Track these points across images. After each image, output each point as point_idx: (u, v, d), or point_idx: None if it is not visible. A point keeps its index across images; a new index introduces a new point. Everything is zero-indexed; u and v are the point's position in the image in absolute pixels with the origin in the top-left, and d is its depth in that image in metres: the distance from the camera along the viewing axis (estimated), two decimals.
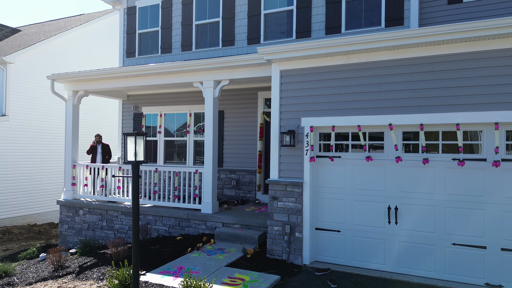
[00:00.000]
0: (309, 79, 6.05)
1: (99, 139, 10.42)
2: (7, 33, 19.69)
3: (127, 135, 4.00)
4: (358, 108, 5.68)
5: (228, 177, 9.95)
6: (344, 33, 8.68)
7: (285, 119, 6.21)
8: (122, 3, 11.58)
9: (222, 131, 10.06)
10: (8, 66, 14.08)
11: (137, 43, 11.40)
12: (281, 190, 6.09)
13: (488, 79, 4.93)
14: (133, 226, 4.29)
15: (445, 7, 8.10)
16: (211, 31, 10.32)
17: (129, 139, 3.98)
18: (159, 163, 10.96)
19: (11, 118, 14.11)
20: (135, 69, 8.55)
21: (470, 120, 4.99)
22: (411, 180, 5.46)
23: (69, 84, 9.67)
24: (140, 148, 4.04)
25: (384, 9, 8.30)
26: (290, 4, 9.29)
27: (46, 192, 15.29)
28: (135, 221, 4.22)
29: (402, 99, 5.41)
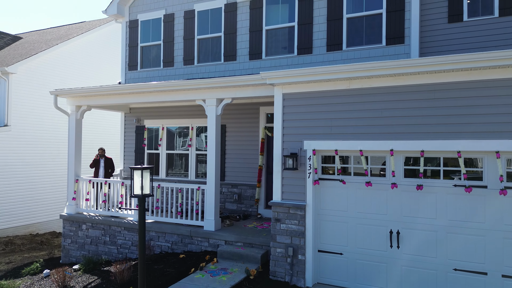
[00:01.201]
0: (311, 102, 6.11)
1: (102, 152, 10.48)
2: (8, 41, 19.77)
3: (134, 169, 4.07)
4: (360, 133, 5.75)
5: (230, 191, 10.02)
6: (345, 50, 8.75)
7: (287, 142, 6.28)
8: (124, 16, 11.64)
9: (224, 145, 10.12)
10: (10, 76, 14.15)
11: (139, 56, 11.46)
12: (284, 212, 6.16)
13: (489, 108, 5.00)
14: (140, 266, 4.35)
15: (445, 25, 8.18)
16: (213, 46, 10.39)
17: (135, 173, 4.04)
18: (161, 176, 11.03)
19: (13, 128, 14.18)
20: (138, 87, 8.61)
21: (471, 148, 5.05)
22: (413, 205, 5.52)
23: (72, 99, 9.73)
24: (147, 182, 4.10)
25: (385, 27, 8.37)
26: (291, 21, 9.36)
27: (48, 200, 15.37)
28: (141, 256, 4.27)
29: (403, 125, 5.48)
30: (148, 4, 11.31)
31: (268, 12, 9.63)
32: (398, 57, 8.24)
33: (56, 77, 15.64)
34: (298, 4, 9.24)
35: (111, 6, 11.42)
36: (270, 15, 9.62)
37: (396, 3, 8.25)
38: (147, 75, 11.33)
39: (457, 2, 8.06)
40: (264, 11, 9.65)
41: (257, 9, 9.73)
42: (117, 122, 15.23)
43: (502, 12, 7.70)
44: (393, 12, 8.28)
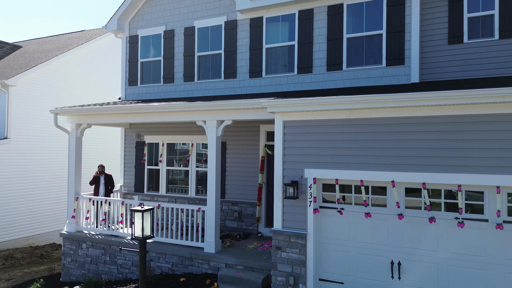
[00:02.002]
0: (312, 131, 6.12)
1: (102, 169, 10.48)
2: (8, 50, 19.77)
3: (135, 211, 4.07)
4: (361, 163, 5.75)
5: (231, 209, 10.01)
6: (345, 70, 8.76)
7: (288, 169, 6.28)
8: (124, 32, 11.65)
9: (224, 162, 10.12)
10: (10, 89, 14.15)
11: (139, 71, 11.46)
12: (284, 241, 6.16)
13: (490, 143, 5.00)
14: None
15: (445, 47, 8.18)
16: (213, 63, 10.39)
17: (136, 216, 4.04)
18: (161, 192, 11.02)
19: (13, 141, 14.17)
20: (139, 108, 8.61)
21: (471, 182, 5.06)
22: (414, 236, 5.52)
23: (72, 117, 9.73)
24: (147, 223, 4.10)
25: (385, 48, 8.37)
26: (291, 40, 9.36)
27: (48, 212, 15.35)
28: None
29: (404, 157, 5.48)
30: (148, 20, 11.32)
31: (268, 30, 9.63)
32: (398, 78, 8.25)
33: (56, 89, 15.64)
34: (298, 23, 9.25)
35: (111, 22, 11.43)
36: (270, 34, 9.62)
37: (396, 24, 8.26)
38: (147, 91, 11.33)
39: (457, 24, 8.07)
40: (264, 29, 9.66)
41: (257, 27, 9.73)
42: (117, 136, 15.24)
43: (502, 34, 7.71)
44: (393, 33, 8.29)
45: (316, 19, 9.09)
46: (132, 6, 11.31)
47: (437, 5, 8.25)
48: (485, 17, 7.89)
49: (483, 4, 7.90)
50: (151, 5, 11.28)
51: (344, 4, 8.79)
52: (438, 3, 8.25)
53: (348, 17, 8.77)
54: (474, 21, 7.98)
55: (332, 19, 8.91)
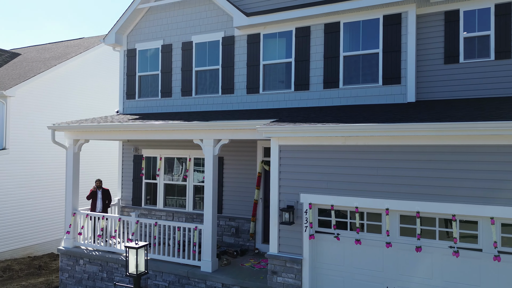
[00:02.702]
0: (308, 156, 6.14)
1: (100, 184, 10.49)
2: (7, 58, 19.79)
3: (129, 248, 4.08)
4: (356, 189, 5.78)
5: (228, 224, 10.03)
6: (342, 88, 8.79)
7: (284, 193, 6.30)
8: (122, 45, 11.67)
9: (221, 177, 10.14)
10: (8, 99, 14.17)
11: (137, 85, 11.49)
12: (280, 265, 6.18)
13: (485, 173, 5.03)
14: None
15: (441, 66, 8.22)
16: (211, 78, 10.42)
17: (130, 252, 4.06)
18: (159, 206, 11.04)
19: (11, 151, 14.18)
20: (136, 126, 8.63)
21: (465, 212, 5.09)
22: (409, 264, 5.55)
23: (69, 133, 9.75)
24: (142, 259, 4.12)
25: (381, 67, 8.40)
26: (288, 57, 9.39)
27: (46, 221, 15.36)
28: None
29: (399, 185, 5.51)
30: (146, 34, 11.34)
31: (266, 47, 9.67)
32: (395, 97, 8.28)
33: (54, 99, 15.67)
34: (295, 40, 9.28)
35: (109, 36, 11.45)
36: (267, 50, 9.65)
37: (392, 44, 8.29)
38: (145, 105, 11.35)
39: (453, 44, 8.10)
40: (261, 46, 9.69)
41: (254, 44, 9.76)
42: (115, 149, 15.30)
43: (498, 55, 7.74)
44: (389, 52, 8.32)
45: (313, 37, 9.12)
46: (130, 20, 11.34)
47: (433, 24, 8.29)
48: (481, 37, 7.93)
49: (479, 25, 7.93)
50: (149, 19, 11.31)
51: (341, 22, 8.83)
52: (434, 22, 8.29)
53: (344, 35, 8.80)
54: (470, 41, 8.01)
55: (328, 37, 8.95)
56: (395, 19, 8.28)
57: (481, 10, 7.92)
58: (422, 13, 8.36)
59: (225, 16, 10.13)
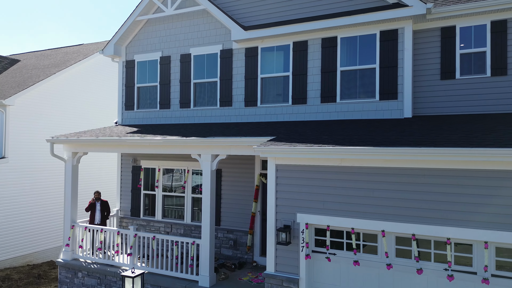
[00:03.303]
0: (304, 176, 6.18)
1: (98, 196, 10.53)
2: (6, 65, 19.83)
3: (125, 277, 4.12)
4: (352, 210, 5.82)
5: (226, 237, 10.07)
6: (339, 102, 8.83)
7: (281, 213, 6.35)
8: (121, 56, 11.71)
9: (219, 190, 10.18)
10: (8, 108, 14.22)
11: (136, 96, 11.53)
12: (277, 285, 6.22)
13: (479, 198, 5.07)
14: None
15: (438, 82, 8.27)
16: (209, 90, 10.47)
17: (127, 281, 4.10)
18: (157, 217, 11.08)
19: (10, 160, 14.22)
20: (135, 141, 8.67)
21: (460, 236, 5.13)
22: (405, 285, 5.59)
23: (68, 146, 9.79)
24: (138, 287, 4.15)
25: (378, 82, 8.45)
26: (286, 71, 9.44)
27: (45, 229, 15.41)
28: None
29: (394, 207, 5.55)
30: (145, 46, 11.39)
31: (264, 60, 9.71)
32: (392, 112, 8.33)
33: (53, 107, 15.73)
34: (292, 54, 9.32)
35: (108, 47, 11.49)
36: (265, 64, 9.70)
37: (389, 59, 8.34)
38: (144, 116, 11.39)
39: (449, 60, 8.15)
40: (259, 59, 9.73)
41: (252, 57, 9.81)
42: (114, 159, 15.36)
43: (494, 72, 7.79)
44: (386, 68, 8.37)
45: (310, 51, 9.17)
46: (129, 31, 11.38)
47: (429, 40, 8.34)
48: (477, 53, 7.98)
49: (475, 41, 7.98)
50: (147, 30, 11.35)
51: (338, 37, 8.87)
52: (430, 38, 8.33)
53: (342, 50, 8.85)
54: (467, 58, 8.06)
55: (326, 51, 8.99)
56: (391, 35, 8.33)
57: (477, 26, 7.97)
58: (419, 29, 8.41)
59: (223, 29, 10.18)
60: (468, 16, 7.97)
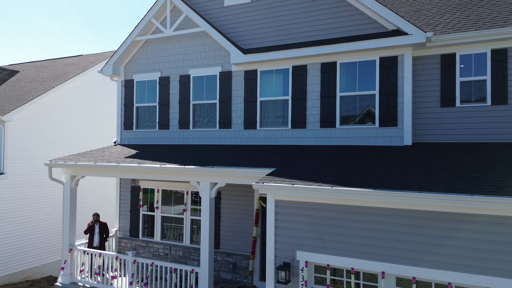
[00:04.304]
0: (304, 212, 6.14)
1: (97, 218, 10.48)
2: (5, 76, 19.78)
3: None
4: (352, 250, 5.77)
5: (225, 260, 10.02)
6: (339, 128, 8.79)
7: (280, 249, 6.30)
8: (119, 75, 11.67)
9: (218, 212, 10.12)
10: (6, 124, 14.17)
11: (135, 116, 11.48)
12: None
13: (480, 243, 5.02)
14: None
15: (438, 109, 8.23)
16: (208, 112, 10.42)
17: None
18: (156, 239, 11.02)
19: (9, 176, 14.17)
20: (133, 168, 8.61)
21: (460, 281, 5.08)
22: None
23: (67, 169, 9.74)
24: None
25: (378, 109, 8.40)
26: (285, 94, 9.40)
27: (44, 244, 15.35)
28: None
29: (395, 249, 5.50)
30: (144, 65, 11.35)
31: (263, 83, 9.67)
32: (392, 139, 8.29)
33: (51, 122, 15.69)
34: (292, 78, 9.29)
35: (107, 67, 11.45)
36: (264, 87, 9.66)
37: (388, 86, 8.30)
38: (143, 136, 11.35)
39: (449, 87, 8.11)
40: (258, 82, 9.69)
41: (251, 80, 9.77)
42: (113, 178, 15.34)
43: (494, 100, 7.75)
44: (386, 95, 8.33)
45: (309, 75, 9.13)
46: (128, 51, 11.35)
47: (429, 67, 8.30)
48: (477, 82, 7.94)
49: (475, 69, 7.94)
50: (146, 50, 11.32)
51: (337, 63, 8.83)
52: (430, 65, 8.30)
53: (341, 75, 8.81)
54: (467, 85, 8.02)
55: (325, 76, 8.95)
56: (391, 61, 8.29)
57: (477, 54, 7.93)
58: (419, 55, 8.37)
59: (222, 51, 10.14)
60: (468, 44, 7.93)
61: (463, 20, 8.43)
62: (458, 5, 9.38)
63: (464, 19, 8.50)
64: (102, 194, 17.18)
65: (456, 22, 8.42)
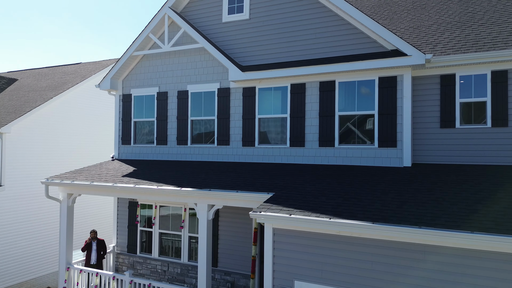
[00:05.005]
0: (302, 242, 6.06)
1: (94, 235, 10.41)
2: (3, 85, 19.72)
3: None
4: (351, 282, 5.69)
5: (223, 279, 9.94)
6: (337, 147, 8.71)
7: (278, 279, 6.22)
8: (117, 90, 11.60)
9: (216, 230, 10.04)
10: (4, 136, 14.09)
11: (133, 131, 11.41)
12: None
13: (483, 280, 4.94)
14: None
15: (437, 130, 8.15)
16: (207, 128, 10.35)
17: None
18: (154, 255, 10.94)
19: (7, 188, 14.10)
20: (130, 189, 8.54)
21: None
22: None
23: (63, 187, 9.67)
24: None
25: (377, 129, 8.32)
26: (284, 112, 9.32)
27: (42, 255, 15.27)
28: None
29: (394, 282, 5.42)
30: (142, 80, 11.28)
31: (261, 101, 9.60)
32: (391, 160, 8.21)
33: (50, 133, 15.62)
34: (290, 96, 9.21)
35: (104, 82, 11.38)
36: (263, 104, 9.58)
37: (387, 106, 8.22)
38: (141, 151, 11.27)
39: (449, 108, 8.04)
40: (257, 99, 9.62)
41: (250, 97, 9.69)
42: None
43: (495, 122, 7.68)
44: (385, 115, 8.25)
45: (308, 94, 9.05)
46: (126, 65, 11.28)
47: (429, 87, 8.23)
48: (477, 103, 7.86)
49: (475, 91, 7.87)
50: (144, 65, 11.24)
51: (336, 82, 8.76)
52: (430, 85, 8.23)
53: (340, 94, 8.74)
54: (467, 107, 7.95)
55: (324, 95, 8.88)
56: (390, 81, 8.21)
57: (477, 75, 7.86)
58: (418, 75, 8.30)
59: (221, 67, 10.06)
60: (468, 65, 7.86)
61: (463, 40, 8.36)
62: (458, 22, 9.31)
63: (464, 38, 8.42)
64: (100, 208, 17.11)
65: (456, 42, 8.35)
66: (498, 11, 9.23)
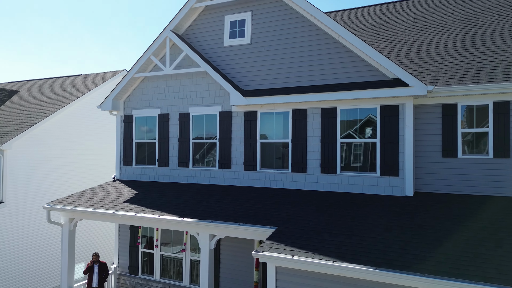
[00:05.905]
0: (305, 282, 6.05)
1: (96, 258, 10.41)
2: (4, 97, 19.72)
3: None
4: None
5: None
6: (339, 174, 8.71)
7: None
8: (119, 110, 11.60)
9: (218, 254, 10.04)
10: (5, 152, 14.10)
11: (134, 152, 11.41)
12: None
13: None
14: None
15: (439, 159, 8.15)
16: (208, 151, 10.35)
17: None
18: (155, 277, 10.94)
19: (8, 204, 14.10)
20: (131, 218, 8.54)
21: None
22: None
23: (65, 212, 9.67)
24: None
25: (379, 157, 8.32)
26: (285, 137, 9.33)
27: (43, 270, 15.26)
28: None
29: None
30: (143, 101, 11.28)
31: (263, 125, 9.60)
32: (393, 189, 8.21)
33: (50, 148, 15.62)
34: (292, 122, 9.21)
35: (106, 103, 11.38)
36: (264, 129, 9.59)
37: (390, 135, 8.22)
38: (142, 172, 11.28)
39: (451, 138, 8.03)
40: (258, 124, 9.62)
41: (251, 121, 9.69)
42: None
43: (497, 153, 7.67)
44: (387, 144, 8.25)
45: (309, 120, 9.05)
46: (127, 86, 11.28)
47: (431, 116, 8.23)
48: (479, 134, 7.86)
49: (477, 121, 7.87)
50: (146, 86, 11.25)
51: (338, 109, 8.76)
52: (431, 114, 8.23)
53: (341, 121, 8.73)
54: (469, 137, 7.94)
55: (325, 121, 8.88)
56: (392, 110, 8.21)
57: (479, 106, 7.85)
58: (420, 104, 8.30)
59: (222, 91, 10.07)
60: (470, 96, 7.86)
61: (465, 68, 8.36)
62: (460, 47, 9.30)
63: (465, 66, 8.42)
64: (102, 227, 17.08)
65: (457, 70, 8.34)
66: (500, 36, 9.23)
